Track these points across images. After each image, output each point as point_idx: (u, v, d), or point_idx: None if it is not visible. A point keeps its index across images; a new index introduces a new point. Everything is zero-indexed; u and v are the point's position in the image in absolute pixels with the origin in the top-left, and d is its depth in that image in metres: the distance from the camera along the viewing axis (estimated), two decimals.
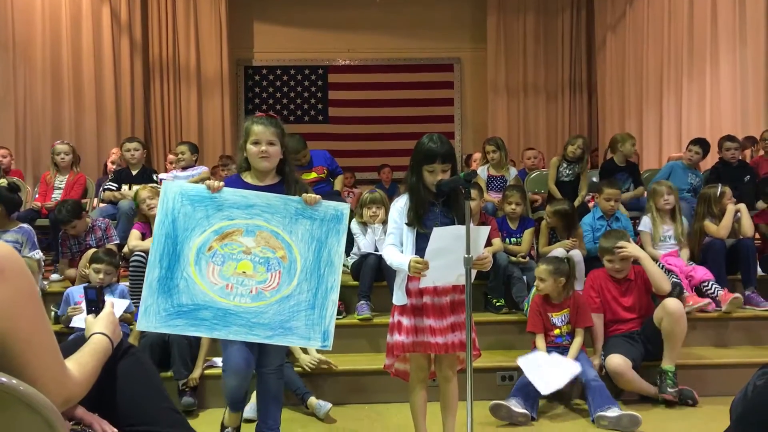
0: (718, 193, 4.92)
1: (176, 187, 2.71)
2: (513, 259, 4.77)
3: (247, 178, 2.89)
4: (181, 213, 2.66)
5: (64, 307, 4.12)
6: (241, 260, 2.67)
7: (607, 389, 3.62)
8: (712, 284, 4.61)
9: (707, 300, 4.48)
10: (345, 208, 2.81)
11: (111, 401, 1.78)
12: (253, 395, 3.52)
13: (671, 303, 3.79)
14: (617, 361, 3.72)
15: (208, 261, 2.65)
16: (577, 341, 3.85)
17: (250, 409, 3.48)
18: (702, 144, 6.15)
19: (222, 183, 2.75)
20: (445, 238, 2.61)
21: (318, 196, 2.78)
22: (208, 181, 2.74)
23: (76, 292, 4.12)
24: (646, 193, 6.05)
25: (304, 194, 2.76)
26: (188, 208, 2.67)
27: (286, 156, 2.91)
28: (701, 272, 4.67)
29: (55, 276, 5.10)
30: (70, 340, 1.91)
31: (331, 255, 2.74)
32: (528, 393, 3.60)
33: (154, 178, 5.98)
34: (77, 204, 5.01)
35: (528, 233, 4.97)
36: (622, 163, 6.12)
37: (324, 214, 2.75)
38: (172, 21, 9.99)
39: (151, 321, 2.60)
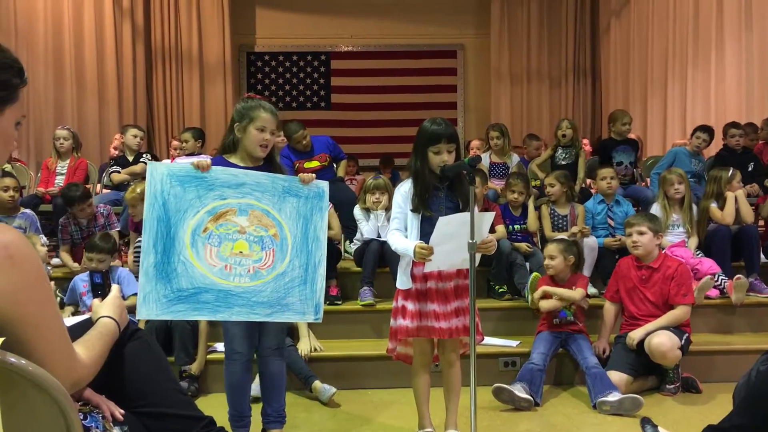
0: (729, 174, 4.94)
1: (163, 168, 2.64)
2: (516, 245, 4.77)
3: (232, 159, 2.85)
4: (171, 194, 2.59)
5: (71, 296, 4.12)
6: (237, 240, 2.67)
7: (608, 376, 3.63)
8: (719, 276, 4.57)
9: (708, 276, 4.40)
10: (325, 185, 2.86)
11: (118, 383, 1.80)
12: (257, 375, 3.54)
13: (655, 342, 3.66)
14: (616, 380, 3.62)
15: (205, 243, 2.62)
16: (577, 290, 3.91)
17: (254, 387, 3.48)
18: (709, 131, 6.12)
19: (209, 161, 2.70)
20: (450, 225, 2.62)
21: (313, 175, 2.83)
22: (195, 160, 2.67)
23: (81, 281, 4.12)
24: (643, 183, 6.04)
25: (301, 174, 2.80)
26: (178, 189, 2.60)
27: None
28: (707, 265, 4.61)
29: (56, 260, 5.10)
30: (78, 324, 1.92)
31: (317, 231, 2.79)
32: (532, 379, 3.61)
33: (144, 157, 6.00)
34: (84, 186, 5.07)
35: (533, 213, 4.97)
36: (621, 139, 6.07)
37: (308, 191, 2.80)
38: (174, 6, 9.93)
39: (151, 308, 2.53)
